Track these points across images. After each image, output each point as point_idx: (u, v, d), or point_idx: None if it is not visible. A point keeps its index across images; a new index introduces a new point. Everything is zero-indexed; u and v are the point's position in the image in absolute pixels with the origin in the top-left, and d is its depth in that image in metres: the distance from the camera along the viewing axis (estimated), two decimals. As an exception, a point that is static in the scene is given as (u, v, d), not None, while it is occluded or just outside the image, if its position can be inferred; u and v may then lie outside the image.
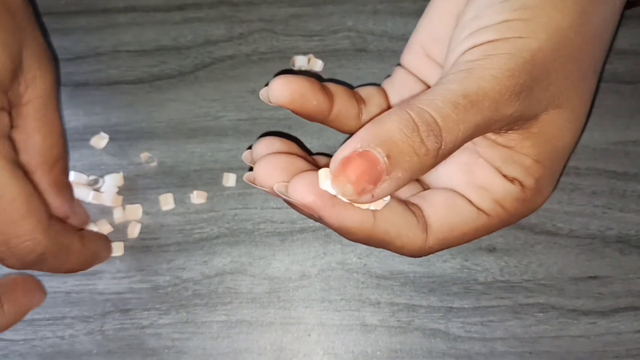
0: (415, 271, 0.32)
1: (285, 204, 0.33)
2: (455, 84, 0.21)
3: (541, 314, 0.32)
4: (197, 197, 0.33)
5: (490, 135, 0.25)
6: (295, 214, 0.33)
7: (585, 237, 0.33)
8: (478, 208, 0.25)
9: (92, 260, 0.31)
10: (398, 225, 0.23)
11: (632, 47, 0.35)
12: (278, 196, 0.23)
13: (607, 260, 0.32)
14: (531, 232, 0.33)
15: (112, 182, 0.33)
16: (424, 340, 0.31)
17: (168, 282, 0.32)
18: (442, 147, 0.21)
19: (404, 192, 0.27)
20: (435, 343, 0.31)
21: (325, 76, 0.35)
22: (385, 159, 0.20)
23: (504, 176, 0.25)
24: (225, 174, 0.33)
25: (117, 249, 0.33)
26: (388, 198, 0.22)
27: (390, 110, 0.21)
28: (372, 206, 0.22)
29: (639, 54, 0.35)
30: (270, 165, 0.23)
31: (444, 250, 0.32)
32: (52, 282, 0.32)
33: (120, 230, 0.33)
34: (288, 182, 0.22)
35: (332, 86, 0.26)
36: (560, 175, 0.27)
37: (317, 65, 0.35)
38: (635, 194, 0.33)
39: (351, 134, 0.21)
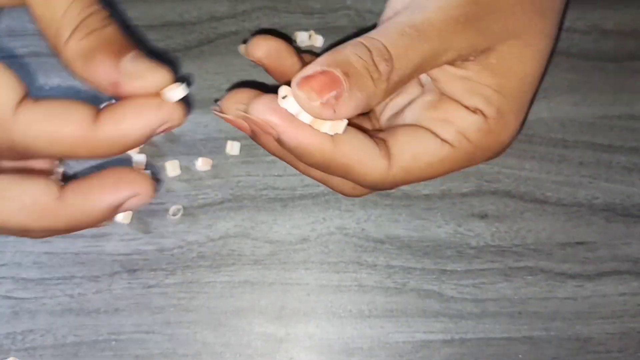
0: (411, 236, 0.34)
1: (287, 172, 0.34)
2: (403, 17, 0.23)
3: (530, 277, 0.33)
4: (202, 165, 0.34)
5: (449, 68, 0.25)
6: (296, 182, 0.35)
7: (572, 205, 0.34)
8: (442, 139, 0.25)
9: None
10: (359, 150, 0.23)
11: (616, 27, 0.37)
12: (239, 126, 0.24)
13: (594, 227, 0.34)
14: (521, 200, 0.34)
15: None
16: (419, 300, 0.33)
17: (174, 244, 0.34)
18: (393, 72, 0.22)
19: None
20: (429, 303, 0.33)
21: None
22: (345, 77, 0.21)
23: (466, 108, 0.25)
24: (229, 143, 0.35)
25: (125, 216, 0.34)
26: (345, 122, 0.23)
27: (345, 43, 0.23)
28: (332, 131, 0.23)
29: (623, 33, 0.37)
30: (235, 94, 0.24)
31: (438, 216, 0.34)
32: (62, 244, 0.33)
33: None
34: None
35: (306, 55, 0.27)
36: (528, 110, 0.27)
37: (318, 41, 0.36)
38: (620, 165, 0.35)
39: None
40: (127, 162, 0.32)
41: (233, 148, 0.35)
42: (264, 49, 0.25)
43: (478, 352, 0.32)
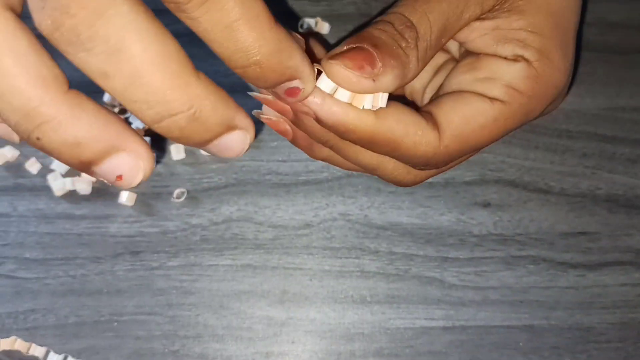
0: (413, 223, 0.34)
1: (291, 158, 0.34)
2: None
3: (532, 266, 0.33)
4: (207, 148, 0.34)
5: (476, 24, 0.24)
6: (300, 167, 0.35)
7: (575, 195, 0.34)
8: (490, 98, 0.23)
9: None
10: (404, 123, 0.22)
11: (622, 20, 0.37)
12: (280, 109, 0.22)
13: (596, 218, 0.34)
14: (524, 190, 0.34)
15: (139, 120, 0.34)
16: (420, 287, 0.33)
17: (177, 227, 0.34)
18: (419, 38, 0.22)
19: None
20: (430, 290, 0.33)
21: (331, 39, 0.37)
22: (374, 48, 0.20)
23: (506, 58, 0.24)
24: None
25: (129, 199, 0.34)
26: (386, 95, 0.21)
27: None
28: (374, 105, 0.21)
29: (629, 27, 0.37)
30: None
31: (441, 204, 0.34)
32: (65, 224, 0.34)
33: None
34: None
35: (314, 42, 0.26)
36: (575, 50, 0.25)
37: (324, 28, 0.36)
38: (623, 157, 0.35)
39: None
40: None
41: (238, 133, 0.35)
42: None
43: (479, 339, 0.32)
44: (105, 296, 0.33)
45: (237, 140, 0.18)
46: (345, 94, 0.21)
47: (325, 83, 0.21)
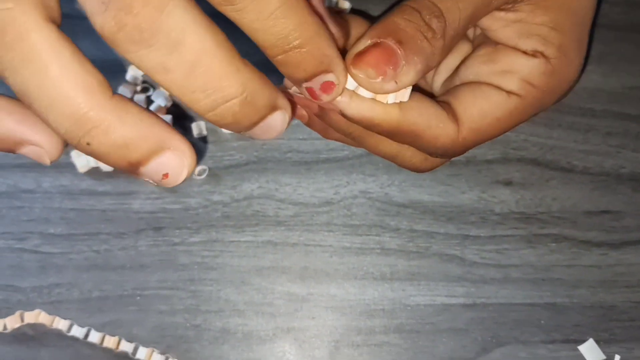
0: (435, 201, 0.34)
1: (312, 136, 0.34)
2: None
3: (554, 244, 0.33)
4: (228, 126, 0.35)
5: (500, 14, 0.24)
6: (320, 145, 0.35)
7: (599, 174, 0.34)
8: (507, 91, 0.24)
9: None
10: (426, 116, 0.22)
11: (648, -2, 0.37)
12: (306, 104, 0.23)
13: (620, 197, 0.34)
14: (547, 168, 0.34)
15: (160, 99, 0.35)
16: (441, 264, 0.33)
17: (199, 203, 0.34)
18: (447, 27, 0.21)
19: None
20: (451, 268, 0.33)
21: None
22: (398, 45, 0.20)
23: (525, 53, 0.24)
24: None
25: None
26: (409, 88, 0.22)
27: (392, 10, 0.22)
28: (398, 99, 0.22)
29: (655, 4, 0.36)
30: None
31: (463, 182, 0.34)
32: (88, 201, 0.34)
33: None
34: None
35: (345, 15, 0.26)
36: (589, 44, 0.26)
37: (346, 4, 0.36)
38: (648, 136, 0.35)
39: None
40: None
41: (259, 111, 0.35)
42: None
43: (500, 316, 0.32)
44: (128, 271, 0.33)
45: (279, 120, 0.18)
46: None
47: (349, 81, 0.21)
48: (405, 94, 0.22)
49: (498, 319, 0.32)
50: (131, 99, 0.17)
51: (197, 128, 0.35)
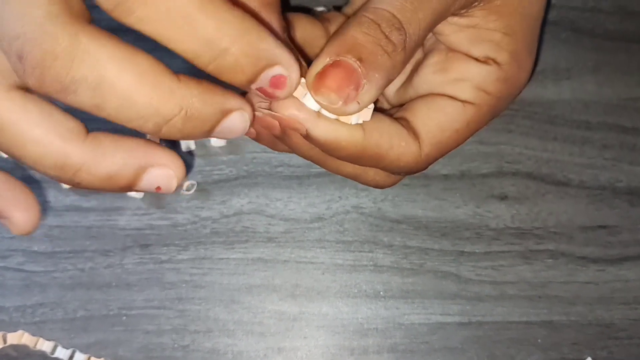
0: (429, 216, 0.33)
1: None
2: None
3: (551, 260, 0.32)
4: (217, 140, 0.34)
5: (453, 19, 0.24)
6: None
7: (595, 188, 0.33)
8: (462, 100, 0.24)
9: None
10: (389, 135, 0.22)
11: (643, 8, 0.36)
12: (269, 124, 0.21)
13: (616, 211, 0.33)
14: (542, 182, 0.34)
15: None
16: (436, 281, 0.32)
17: (187, 219, 0.33)
18: (407, 39, 0.21)
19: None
20: (446, 285, 0.32)
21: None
22: (358, 62, 0.20)
23: (477, 60, 0.24)
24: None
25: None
26: (372, 105, 0.21)
27: (346, 21, 0.21)
28: (360, 119, 0.21)
29: (650, 14, 0.36)
30: None
31: (457, 197, 0.33)
32: (73, 217, 0.33)
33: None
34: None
35: (289, 15, 0.25)
36: (539, 47, 0.26)
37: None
38: (645, 148, 0.34)
39: None
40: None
41: (248, 124, 0.34)
42: None
43: (496, 335, 0.31)
44: (114, 290, 0.32)
45: (237, 121, 0.18)
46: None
47: (312, 102, 0.20)
48: (367, 113, 0.21)
49: (494, 338, 0.31)
50: (105, 132, 0.17)
51: (185, 142, 0.34)
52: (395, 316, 0.32)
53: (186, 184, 0.33)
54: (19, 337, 0.31)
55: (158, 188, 0.18)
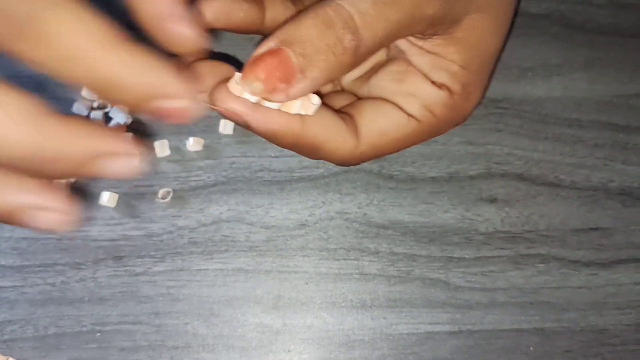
0: (416, 221, 0.32)
1: (284, 153, 0.32)
2: None
3: (542, 265, 0.31)
4: (194, 144, 0.32)
5: (418, 41, 0.24)
6: (294, 163, 0.32)
7: (587, 189, 0.32)
8: (408, 114, 0.25)
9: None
10: (327, 129, 0.23)
11: (635, 1, 0.35)
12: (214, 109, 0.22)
13: (609, 212, 0.32)
14: (533, 184, 0.32)
15: (119, 115, 0.32)
16: (424, 289, 0.31)
17: (163, 229, 0.31)
18: (360, 45, 0.21)
19: (337, 103, 0.26)
20: (435, 293, 0.31)
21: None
22: (299, 57, 0.20)
23: (433, 83, 0.25)
24: (223, 121, 0.33)
25: (111, 200, 0.32)
26: (318, 102, 0.22)
27: (310, 6, 0.21)
28: (302, 111, 0.22)
29: (643, 7, 0.35)
30: (195, 73, 0.22)
31: (445, 200, 0.32)
32: (42, 229, 0.31)
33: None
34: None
35: None
36: (489, 81, 0.27)
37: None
38: (638, 147, 0.33)
39: None
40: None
41: (226, 127, 0.33)
42: (208, 15, 0.23)
43: (486, 344, 0.30)
44: (87, 305, 0.30)
45: (118, 165, 0.16)
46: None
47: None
48: (311, 108, 0.22)
49: (485, 347, 0.30)
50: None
51: (161, 147, 0.32)
52: (383, 326, 0.30)
53: (162, 191, 0.32)
54: (-13, 357, 0.30)
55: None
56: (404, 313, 0.31)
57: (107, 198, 0.31)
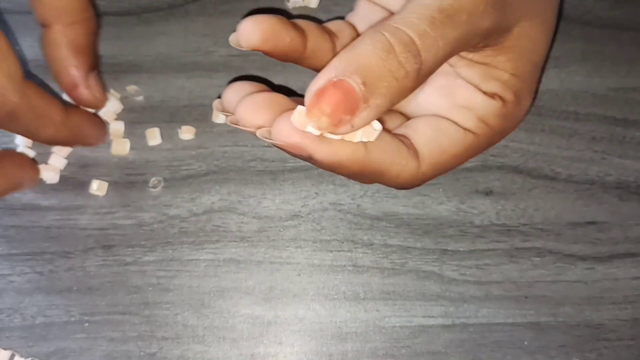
0: (410, 213, 0.31)
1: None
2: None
3: (538, 259, 0.31)
4: (185, 133, 0.32)
5: (466, 54, 0.24)
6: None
7: (583, 182, 0.32)
8: (464, 128, 0.25)
9: (75, 137, 0.29)
10: (390, 154, 0.23)
11: (633, -6, 0.34)
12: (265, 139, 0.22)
13: (606, 206, 0.32)
14: (529, 176, 0.32)
15: (111, 107, 0.32)
16: (418, 282, 0.30)
17: (154, 218, 0.31)
18: (422, 67, 0.20)
19: (388, 124, 0.26)
20: (429, 285, 0.30)
21: (321, 14, 0.34)
22: (362, 86, 0.19)
23: (484, 93, 0.25)
24: (215, 110, 0.32)
25: (100, 189, 0.31)
26: (379, 127, 0.21)
27: (364, 33, 0.20)
28: (365, 138, 0.21)
29: (639, 1, 0.34)
30: (252, 104, 0.22)
31: (440, 192, 0.32)
32: (31, 216, 0.31)
33: (106, 166, 0.32)
34: (271, 123, 0.21)
35: (301, 22, 0.25)
36: (538, 85, 0.27)
37: (313, 2, 0.33)
38: (635, 141, 0.33)
39: None
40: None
41: (219, 116, 0.32)
42: (257, 35, 0.22)
43: (480, 338, 0.30)
44: (75, 294, 0.30)
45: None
46: None
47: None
48: (373, 134, 0.21)
49: (479, 341, 0.30)
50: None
51: (152, 134, 0.32)
52: (376, 319, 0.30)
53: (152, 180, 0.31)
54: (-27, 346, 0.29)
55: None
56: (397, 306, 0.30)
57: (96, 186, 0.31)
